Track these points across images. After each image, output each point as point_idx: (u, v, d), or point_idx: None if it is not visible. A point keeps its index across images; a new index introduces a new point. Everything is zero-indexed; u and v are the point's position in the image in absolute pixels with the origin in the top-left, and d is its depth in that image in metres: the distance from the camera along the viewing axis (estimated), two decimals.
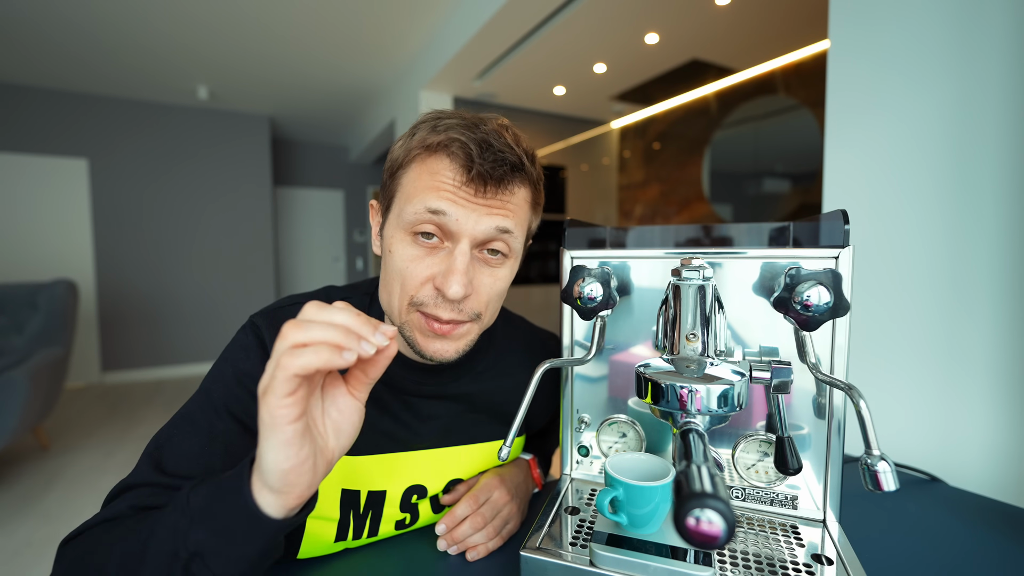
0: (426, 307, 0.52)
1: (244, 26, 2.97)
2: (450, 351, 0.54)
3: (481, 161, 0.49)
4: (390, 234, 0.54)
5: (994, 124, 0.79)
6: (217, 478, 0.39)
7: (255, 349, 0.54)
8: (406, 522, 0.62)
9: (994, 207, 0.79)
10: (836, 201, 1.01)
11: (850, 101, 0.99)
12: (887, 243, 0.93)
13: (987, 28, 0.80)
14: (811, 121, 2.83)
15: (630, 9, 2.60)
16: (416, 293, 0.52)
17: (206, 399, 0.52)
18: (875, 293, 0.94)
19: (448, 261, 0.50)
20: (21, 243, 3.91)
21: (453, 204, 0.49)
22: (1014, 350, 0.77)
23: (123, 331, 4.28)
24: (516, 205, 0.53)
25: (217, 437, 0.50)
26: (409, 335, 0.53)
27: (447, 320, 0.52)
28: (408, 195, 0.52)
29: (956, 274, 0.84)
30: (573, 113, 4.41)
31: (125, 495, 0.47)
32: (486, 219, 0.50)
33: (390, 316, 0.56)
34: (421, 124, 0.54)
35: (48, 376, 2.38)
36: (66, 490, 2.28)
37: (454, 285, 0.49)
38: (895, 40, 0.91)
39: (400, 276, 0.52)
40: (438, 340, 0.53)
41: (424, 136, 0.52)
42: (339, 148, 5.92)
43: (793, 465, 0.48)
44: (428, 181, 0.50)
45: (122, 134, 4.21)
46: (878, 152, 0.94)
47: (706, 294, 0.46)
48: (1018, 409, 0.77)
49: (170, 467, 0.48)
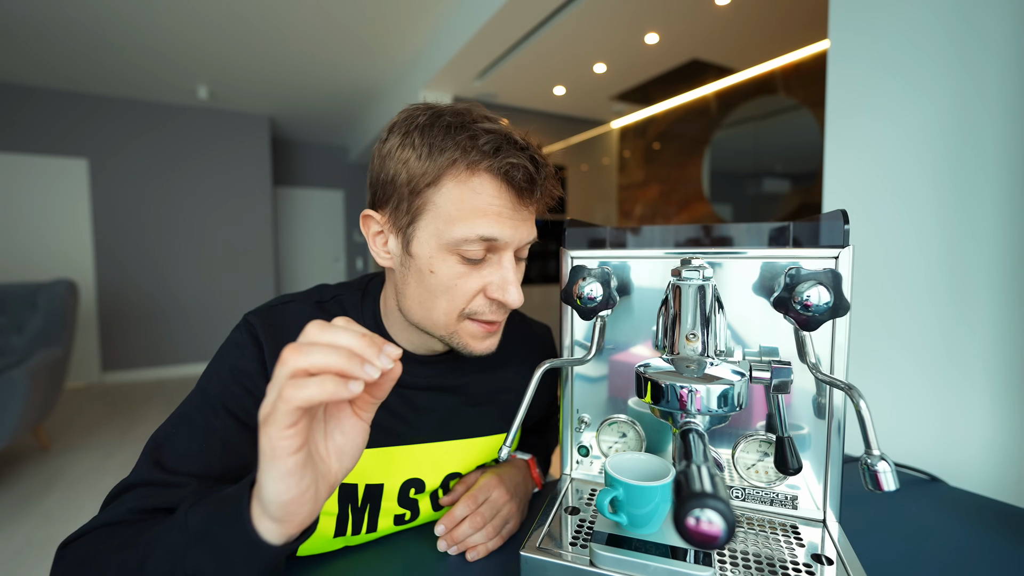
0: (482, 316, 0.54)
1: (244, 25, 2.97)
2: (495, 344, 0.58)
3: (537, 178, 0.51)
4: (428, 253, 0.52)
5: (994, 124, 0.79)
6: (216, 498, 0.38)
7: (250, 347, 0.54)
8: (405, 518, 0.62)
9: (993, 207, 0.79)
10: (836, 201, 1.01)
11: (850, 101, 0.99)
12: (887, 243, 0.93)
13: (987, 28, 0.80)
14: (811, 121, 2.83)
15: (630, 9, 2.60)
16: (467, 306, 0.53)
17: (202, 398, 0.52)
18: (875, 293, 0.94)
19: (498, 272, 0.53)
20: (21, 243, 3.91)
21: (502, 227, 0.50)
22: (1014, 350, 0.77)
23: (123, 331, 4.28)
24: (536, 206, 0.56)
25: (215, 434, 0.51)
26: (459, 342, 0.56)
27: (500, 320, 0.56)
28: (450, 216, 0.50)
29: (956, 274, 0.84)
30: (573, 113, 4.41)
31: (124, 496, 0.47)
32: (526, 228, 0.53)
33: (426, 328, 0.56)
34: (428, 128, 0.50)
35: (48, 376, 2.38)
36: (66, 490, 2.28)
37: (516, 295, 0.52)
38: (895, 40, 0.91)
39: (447, 292, 0.53)
40: (489, 338, 0.57)
41: (458, 152, 0.49)
42: (339, 148, 5.92)
43: (793, 465, 0.48)
44: (473, 202, 0.49)
45: (122, 134, 4.21)
46: (878, 152, 0.94)
47: (706, 294, 0.46)
48: (1018, 409, 0.77)
49: (170, 464, 0.48)
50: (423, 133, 0.50)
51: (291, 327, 0.57)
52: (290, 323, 0.58)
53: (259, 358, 0.54)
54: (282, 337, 0.56)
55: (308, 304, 0.60)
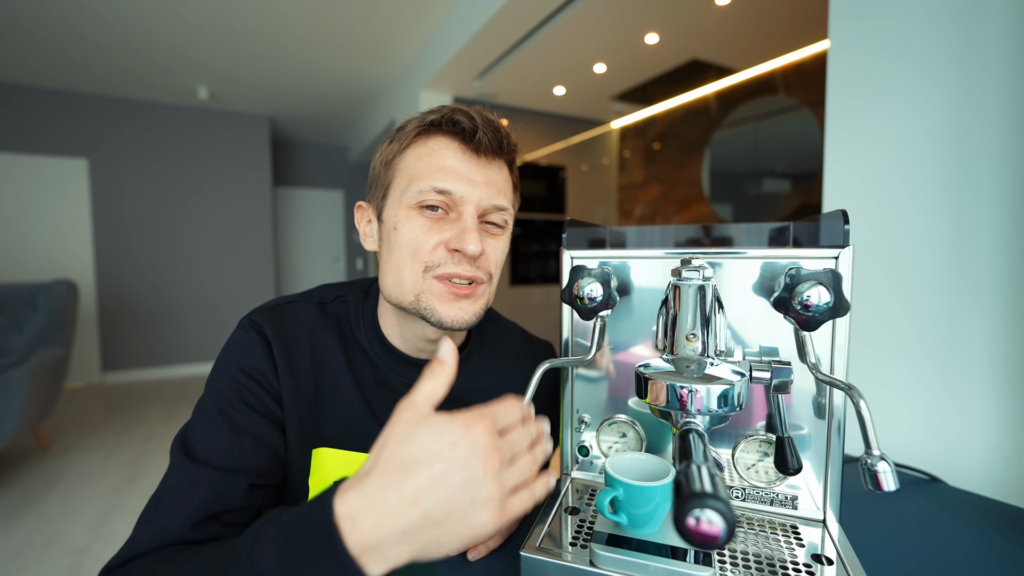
0: (443, 267, 0.54)
1: (245, 26, 2.97)
2: (468, 313, 0.56)
3: (484, 130, 0.53)
4: (393, 214, 0.55)
5: (994, 123, 0.79)
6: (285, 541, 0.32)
7: (258, 344, 0.54)
8: None
9: (994, 206, 0.79)
10: (836, 201, 1.01)
11: (850, 101, 0.99)
12: (887, 243, 0.93)
13: (987, 28, 0.80)
14: (811, 121, 2.83)
15: (630, 9, 2.60)
16: (430, 258, 0.54)
17: (220, 398, 0.52)
18: (875, 293, 0.94)
19: (458, 224, 0.54)
20: (21, 243, 3.91)
21: (457, 181, 0.53)
22: (1014, 349, 0.77)
23: (123, 331, 4.28)
24: (506, 179, 0.58)
25: (242, 430, 0.50)
26: (427, 305, 0.54)
27: (467, 276, 0.54)
28: (411, 176, 0.54)
29: (956, 274, 0.84)
30: (573, 113, 4.41)
31: (173, 506, 0.45)
32: (487, 190, 0.54)
33: (399, 299, 0.56)
34: (407, 122, 0.58)
35: (48, 376, 2.38)
36: (66, 490, 2.28)
37: (471, 243, 0.52)
38: (895, 40, 0.91)
39: (410, 247, 0.54)
40: (456, 303, 0.55)
41: (418, 123, 0.55)
42: (339, 148, 5.92)
43: (793, 465, 0.48)
44: (430, 160, 0.54)
45: (122, 134, 4.20)
46: (878, 152, 0.94)
47: (706, 294, 0.46)
48: (1018, 409, 0.77)
49: (206, 459, 0.48)
50: (398, 129, 0.58)
51: (295, 327, 0.58)
52: (295, 321, 0.58)
53: (268, 353, 0.54)
54: (288, 334, 0.56)
55: (310, 305, 0.61)
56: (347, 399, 0.58)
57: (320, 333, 0.59)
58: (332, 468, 0.56)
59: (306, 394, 0.56)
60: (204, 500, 0.45)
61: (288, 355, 0.55)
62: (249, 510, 0.50)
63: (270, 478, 0.52)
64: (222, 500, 0.46)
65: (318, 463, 0.56)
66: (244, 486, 0.48)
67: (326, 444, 0.57)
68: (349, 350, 0.60)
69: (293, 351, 0.56)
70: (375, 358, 0.61)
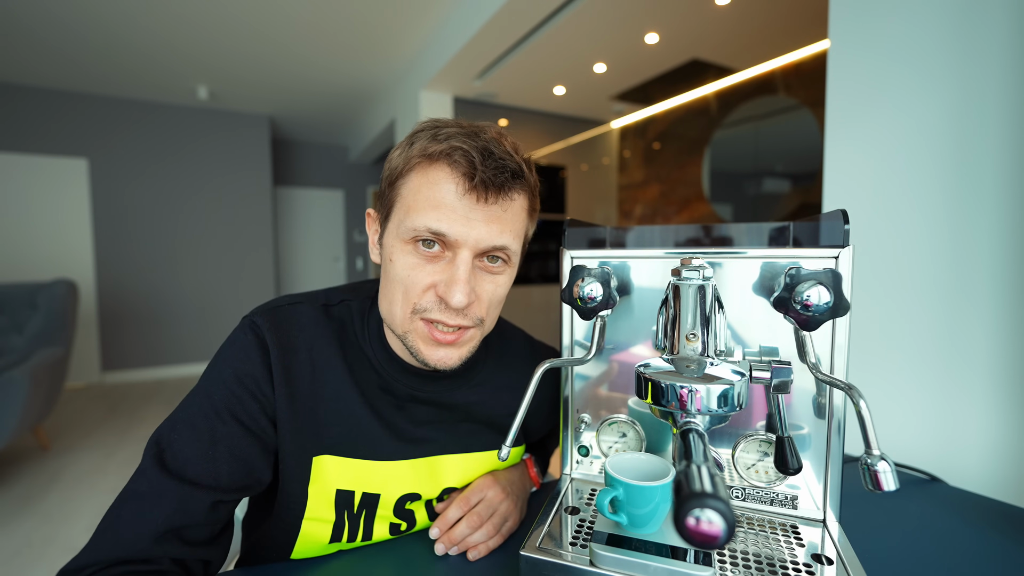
0: (429, 313, 0.52)
1: (245, 26, 2.97)
2: (453, 358, 0.55)
3: (483, 168, 0.49)
4: (390, 243, 0.54)
5: (994, 123, 0.79)
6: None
7: (255, 349, 0.53)
8: (401, 528, 0.61)
9: (994, 206, 0.79)
10: (836, 201, 1.01)
11: (850, 101, 0.99)
12: (887, 243, 0.93)
13: (988, 28, 0.80)
14: (811, 121, 2.83)
15: (630, 9, 2.60)
16: (418, 301, 0.52)
17: (206, 402, 0.51)
18: (875, 293, 0.94)
19: (450, 270, 0.51)
20: (21, 243, 3.91)
21: (454, 223, 0.50)
22: (1014, 349, 0.77)
23: (123, 331, 4.28)
24: (514, 213, 0.54)
25: (220, 441, 0.50)
26: (413, 344, 0.54)
27: (452, 325, 0.52)
28: (408, 207, 0.51)
29: (956, 274, 0.84)
30: (573, 113, 4.41)
31: (135, 517, 0.45)
32: (486, 230, 0.51)
33: (391, 325, 0.56)
34: (419, 133, 0.54)
35: (48, 376, 2.38)
36: (66, 490, 2.28)
37: (457, 295, 0.50)
38: (895, 39, 0.91)
39: (402, 284, 0.52)
40: (442, 348, 0.54)
41: (424, 145, 0.51)
42: (339, 148, 5.91)
43: (793, 465, 0.48)
44: (429, 194, 0.50)
45: (122, 134, 4.20)
46: (878, 152, 0.94)
47: (706, 294, 0.46)
48: (1018, 409, 0.77)
49: (175, 468, 0.48)
50: (414, 134, 0.54)
51: (297, 330, 0.57)
52: (296, 325, 0.57)
53: (264, 362, 0.53)
54: (288, 340, 0.55)
55: (315, 307, 0.59)
56: (350, 406, 0.57)
57: (322, 339, 0.58)
58: (334, 476, 0.56)
59: (304, 401, 0.55)
60: (166, 515, 0.45)
61: (285, 361, 0.54)
62: (212, 526, 0.49)
63: (239, 494, 0.51)
64: (184, 516, 0.46)
65: (319, 470, 0.55)
66: (208, 502, 0.48)
67: (328, 452, 0.56)
68: (352, 357, 0.59)
69: (291, 357, 0.55)
70: (378, 366, 0.60)
